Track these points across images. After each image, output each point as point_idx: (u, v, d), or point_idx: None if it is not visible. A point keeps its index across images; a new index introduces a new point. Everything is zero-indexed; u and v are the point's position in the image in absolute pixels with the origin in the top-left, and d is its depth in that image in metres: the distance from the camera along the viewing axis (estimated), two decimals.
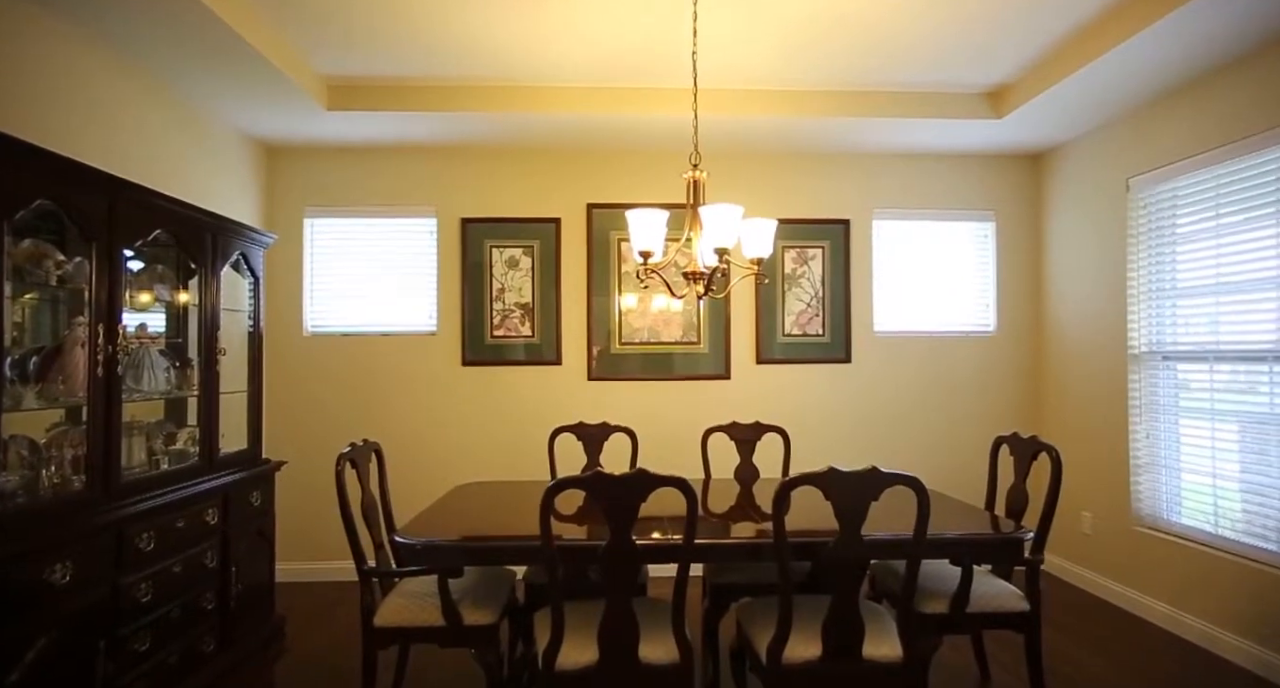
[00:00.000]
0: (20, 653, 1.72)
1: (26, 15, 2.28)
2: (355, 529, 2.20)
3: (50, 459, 2.11)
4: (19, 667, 1.71)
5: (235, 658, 2.75)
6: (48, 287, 2.14)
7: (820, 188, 4.14)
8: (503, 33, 2.82)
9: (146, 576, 2.22)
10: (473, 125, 3.60)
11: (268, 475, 3.05)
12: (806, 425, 4.05)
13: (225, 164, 3.55)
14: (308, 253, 4.01)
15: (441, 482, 3.87)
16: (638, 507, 1.68)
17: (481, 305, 4.02)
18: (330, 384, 3.96)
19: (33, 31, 2.32)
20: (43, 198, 1.89)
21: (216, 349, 2.78)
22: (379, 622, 2.15)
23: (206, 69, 2.87)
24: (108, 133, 2.68)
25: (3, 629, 1.68)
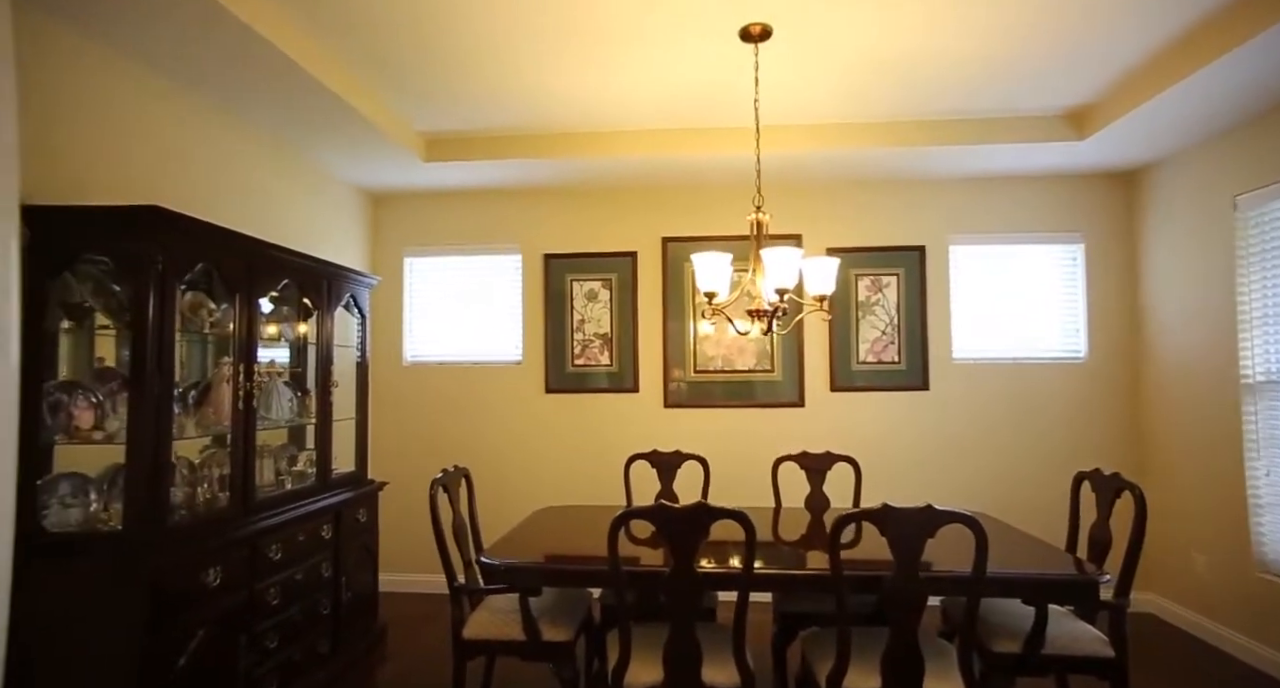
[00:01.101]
0: (186, 642, 2.06)
1: (190, 107, 2.73)
2: (447, 549, 2.44)
3: (203, 478, 2.48)
4: (185, 653, 2.04)
5: (345, 660, 3.06)
6: (202, 332, 2.53)
7: (892, 215, 4.14)
8: (578, 85, 3.06)
9: (275, 582, 2.55)
10: (553, 169, 3.87)
11: (372, 495, 3.38)
12: (882, 454, 4.02)
13: (339, 213, 3.99)
14: (407, 290, 4.40)
15: (525, 503, 4.11)
16: (698, 536, 1.81)
17: (563, 336, 4.27)
18: (426, 410, 4.31)
19: (193, 120, 2.77)
20: (203, 261, 2.26)
21: (331, 381, 3.14)
22: (467, 634, 2.37)
23: (324, 135, 3.28)
24: (245, 196, 3.12)
25: (173, 622, 2.02)
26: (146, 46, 2.39)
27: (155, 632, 1.98)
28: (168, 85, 2.66)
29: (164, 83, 2.64)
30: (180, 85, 2.71)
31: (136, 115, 2.51)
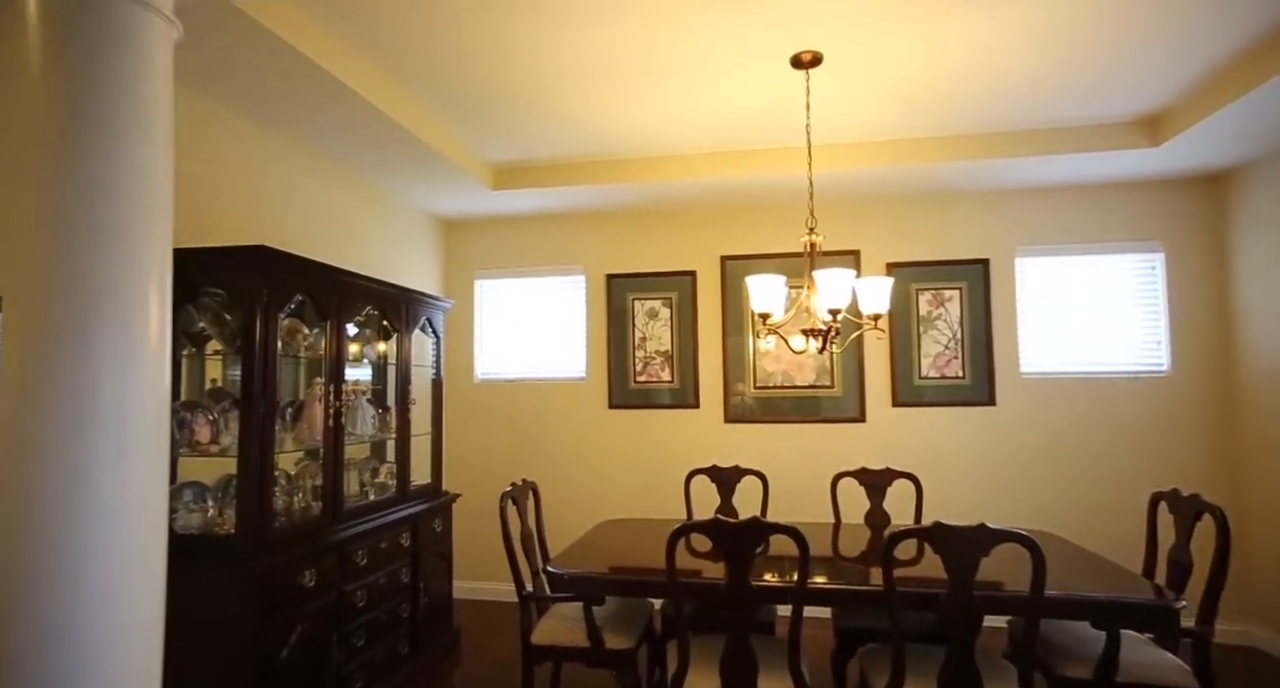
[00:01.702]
0: (287, 636, 2.28)
1: (288, 153, 3.04)
2: (516, 558, 2.58)
3: (298, 489, 2.72)
4: (287, 647, 2.26)
5: (423, 661, 3.25)
6: (297, 354, 2.79)
7: (954, 228, 4.09)
8: (637, 114, 3.21)
9: (361, 585, 2.76)
10: (614, 193, 4.03)
11: (446, 506, 3.59)
12: (946, 470, 3.95)
13: (414, 239, 4.27)
14: (477, 310, 4.64)
15: (588, 516, 4.25)
16: (753, 551, 1.88)
17: (625, 353, 4.40)
18: (495, 426, 4.52)
19: (290, 165, 3.07)
20: (300, 291, 2.52)
21: (409, 399, 3.37)
22: (535, 640, 2.50)
23: (402, 169, 3.55)
24: (334, 229, 3.41)
25: (275, 618, 2.25)
26: (239, 97, 2.68)
27: (263, 626, 2.20)
28: (268, 133, 2.97)
29: (265, 132, 2.95)
30: (279, 134, 3.02)
31: (247, 163, 2.82)
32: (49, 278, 1.05)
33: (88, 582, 1.04)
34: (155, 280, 1.17)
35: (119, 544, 1.07)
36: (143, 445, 1.12)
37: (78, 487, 1.05)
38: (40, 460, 1.03)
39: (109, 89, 1.11)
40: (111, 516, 1.07)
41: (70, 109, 1.08)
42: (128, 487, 1.09)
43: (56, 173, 1.07)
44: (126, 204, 1.12)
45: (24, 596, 1.01)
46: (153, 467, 1.15)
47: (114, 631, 1.06)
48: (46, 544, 1.03)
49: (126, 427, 1.10)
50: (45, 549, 1.02)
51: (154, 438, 1.15)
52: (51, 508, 1.03)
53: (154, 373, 1.16)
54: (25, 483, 1.03)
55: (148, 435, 1.13)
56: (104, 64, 1.11)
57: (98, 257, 1.08)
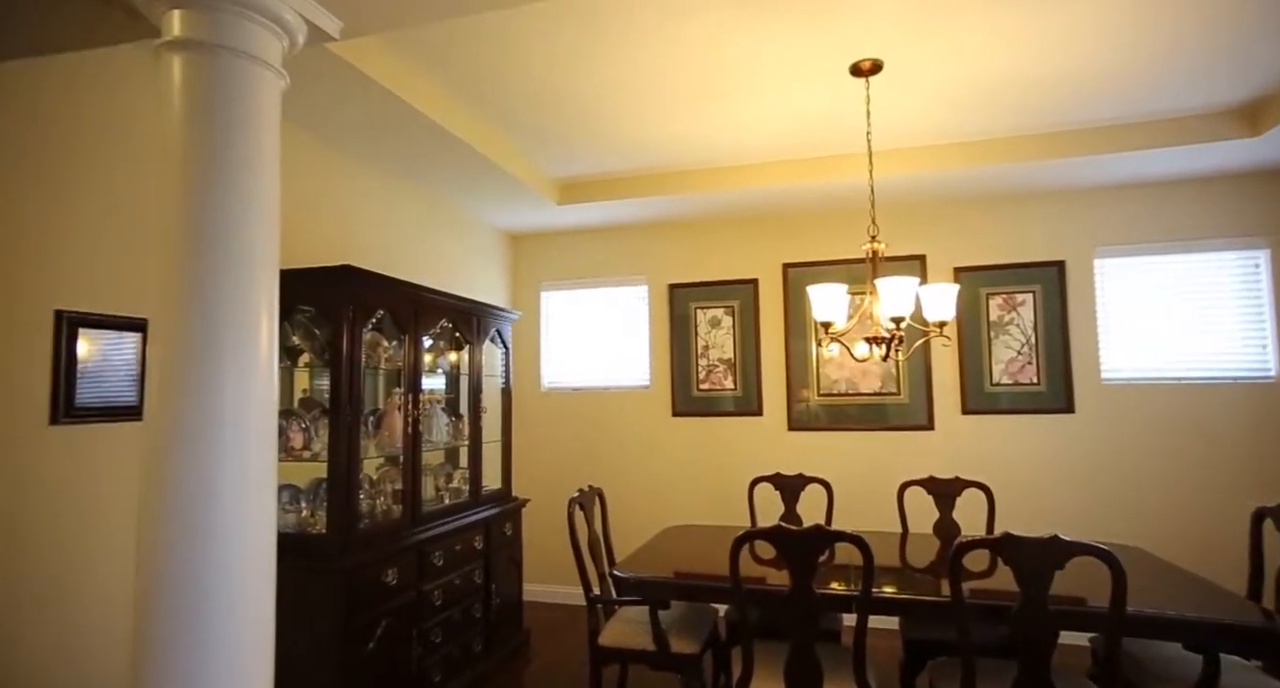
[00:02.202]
0: (373, 630, 2.44)
1: (371, 178, 3.25)
2: (583, 562, 2.67)
3: (380, 492, 2.90)
4: (373, 640, 2.42)
5: (496, 659, 3.38)
6: (378, 366, 2.97)
7: (1026, 230, 3.95)
8: (699, 127, 3.27)
9: (438, 585, 2.91)
10: (676, 204, 4.09)
11: (516, 511, 3.72)
12: (1020, 480, 3.81)
13: (483, 254, 4.46)
14: (543, 321, 4.79)
15: (652, 521, 4.31)
16: (816, 558, 1.89)
17: (688, 361, 4.45)
18: (562, 433, 4.65)
19: (372, 188, 3.28)
20: (382, 307, 2.69)
21: (480, 407, 3.52)
22: (602, 641, 2.58)
23: (472, 187, 3.72)
24: (410, 246, 3.61)
25: (362, 613, 2.41)
26: (326, 128, 2.89)
27: (350, 620, 2.36)
28: (352, 161, 3.19)
29: (350, 160, 3.17)
30: (362, 161, 3.24)
31: (334, 188, 3.04)
32: (184, 302, 1.20)
33: (215, 574, 1.17)
34: (266, 301, 1.31)
35: (239, 539, 1.21)
36: (256, 450, 1.25)
37: (205, 486, 1.19)
38: (175, 464, 1.18)
39: (231, 134, 1.26)
40: (232, 511, 1.21)
41: (201, 153, 1.24)
42: (246, 488, 1.23)
43: (189, 210, 1.22)
44: (245, 233, 1.27)
45: (163, 586, 1.15)
46: (265, 469, 1.28)
47: (237, 620, 1.19)
48: (181, 540, 1.17)
49: (243, 433, 1.24)
50: (179, 544, 1.16)
51: (265, 443, 1.29)
52: (185, 505, 1.17)
53: (265, 384, 1.29)
54: (164, 481, 1.17)
55: (260, 441, 1.27)
56: (228, 113, 1.26)
57: (223, 281, 1.22)
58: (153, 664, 1.15)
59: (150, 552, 1.17)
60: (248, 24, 1.31)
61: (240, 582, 1.22)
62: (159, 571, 1.16)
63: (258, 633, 1.24)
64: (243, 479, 1.23)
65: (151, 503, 1.18)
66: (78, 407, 1.94)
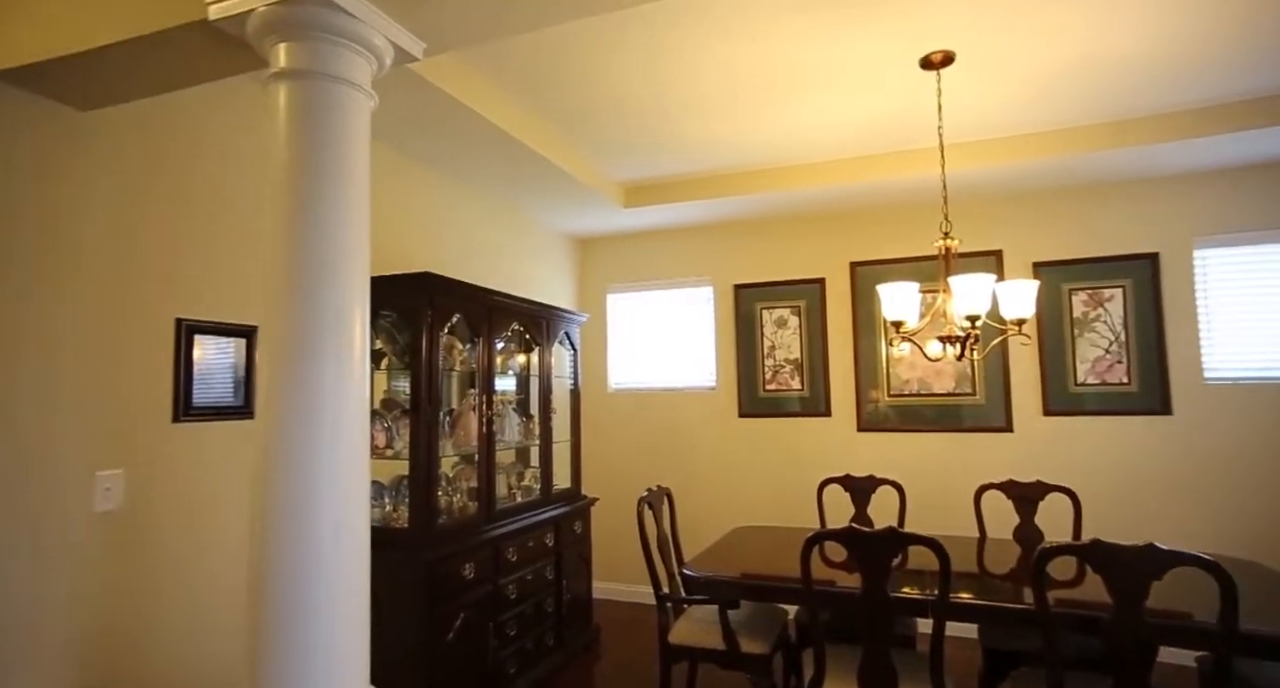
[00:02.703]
0: (452, 621, 2.56)
1: (446, 187, 3.40)
2: (653, 561, 2.71)
3: (456, 490, 3.02)
4: (452, 630, 2.53)
5: (566, 655, 3.46)
6: (454, 368, 3.10)
7: (1112, 222, 3.75)
8: (765, 127, 3.26)
9: (512, 580, 3.01)
10: (742, 204, 4.09)
11: (585, 509, 3.80)
12: (1109, 485, 3.61)
13: (552, 258, 4.57)
14: (610, 323, 4.87)
15: (719, 521, 4.32)
16: (889, 561, 1.87)
17: (755, 362, 4.43)
18: (629, 433, 4.71)
19: (448, 197, 3.43)
20: (458, 312, 2.81)
21: (550, 408, 3.62)
22: (672, 639, 2.61)
23: (542, 194, 3.83)
24: (483, 252, 3.75)
25: (443, 604, 2.52)
26: (405, 140, 3.04)
27: (433, 610, 2.48)
28: (429, 172, 3.34)
29: (426, 172, 3.33)
30: (438, 171, 3.39)
31: (412, 199, 3.20)
32: (288, 309, 1.31)
33: (317, 565, 1.27)
34: (360, 307, 1.41)
35: (338, 531, 1.30)
36: (352, 448, 1.35)
37: (307, 482, 1.29)
38: (281, 461, 1.28)
39: (328, 153, 1.37)
40: (330, 506, 1.31)
41: (302, 171, 1.35)
42: (344, 482, 1.33)
43: (292, 224, 1.33)
44: (341, 245, 1.37)
45: (272, 576, 1.26)
46: (359, 466, 1.38)
47: (337, 608, 1.28)
48: (286, 531, 1.27)
49: (340, 433, 1.34)
50: (285, 536, 1.27)
51: (360, 441, 1.38)
52: (289, 500, 1.28)
53: (359, 386, 1.39)
54: (271, 478, 1.28)
55: (355, 439, 1.36)
56: (325, 134, 1.37)
57: (322, 290, 1.33)
58: (265, 649, 1.25)
59: (260, 544, 1.28)
60: (343, 51, 1.41)
61: (340, 572, 1.31)
62: (268, 562, 1.26)
63: (356, 621, 1.33)
64: (341, 475, 1.32)
65: (260, 498, 1.29)
66: (194, 406, 2.12)
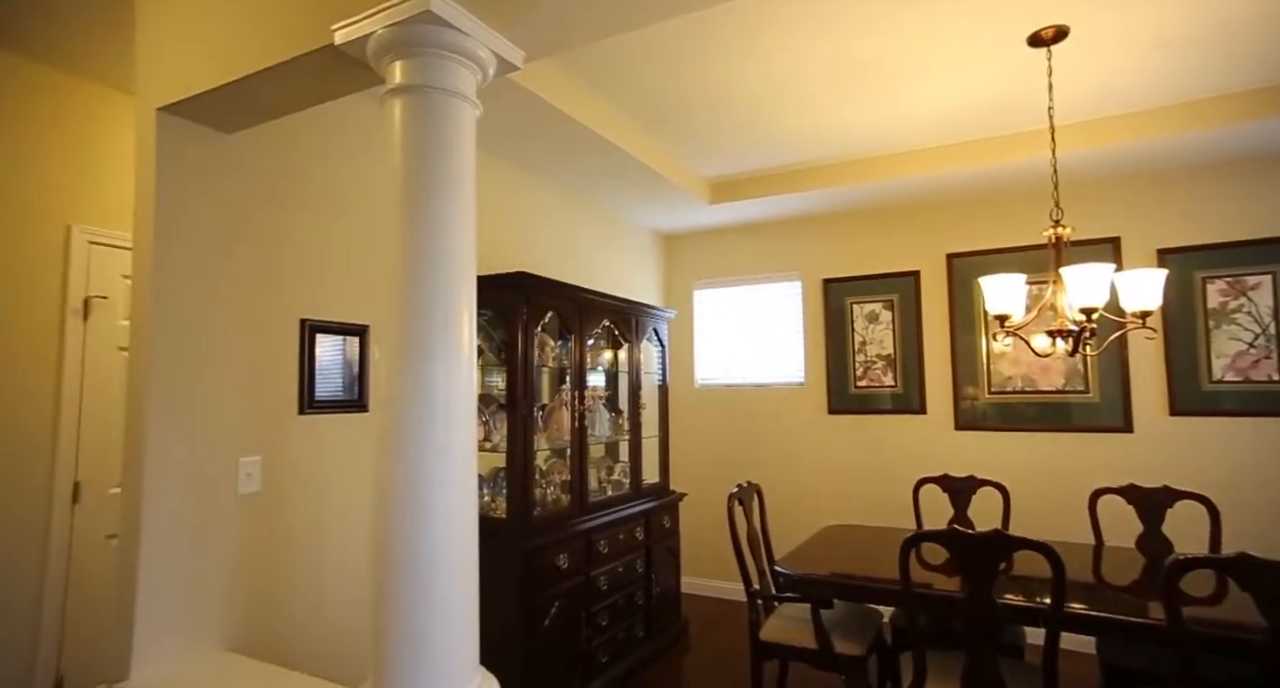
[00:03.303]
0: (547, 609, 2.65)
1: (540, 190, 3.52)
2: (743, 557, 2.70)
3: (549, 483, 3.13)
4: (548, 618, 2.63)
5: (655, 647, 3.51)
6: (547, 365, 3.21)
7: (1253, 202, 3.39)
8: (858, 116, 3.17)
9: (604, 571, 3.08)
10: (832, 196, 3.99)
11: (674, 504, 3.84)
12: (1253, 494, 3.28)
13: (638, 255, 4.63)
14: (696, 319, 4.88)
15: (809, 519, 4.24)
16: (995, 566, 1.79)
17: (845, 358, 4.33)
18: (715, 429, 4.71)
19: (541, 199, 3.55)
20: (551, 310, 2.91)
21: (639, 404, 3.67)
22: (763, 636, 2.60)
23: (629, 192, 3.89)
24: (572, 250, 3.85)
25: (539, 593, 2.63)
26: (500, 144, 3.16)
27: (530, 598, 2.59)
28: (521, 174, 3.46)
29: (519, 173, 3.45)
30: (529, 172, 3.51)
31: (506, 200, 3.33)
32: (402, 310, 1.40)
33: (432, 552, 1.37)
34: (467, 306, 1.49)
35: (451, 521, 1.39)
36: (461, 440, 1.43)
37: (422, 476, 1.38)
38: (399, 454, 1.38)
39: (438, 160, 1.46)
40: (443, 497, 1.39)
41: (415, 178, 1.44)
42: (455, 475, 1.41)
43: (407, 228, 1.43)
44: (450, 248, 1.46)
45: (392, 562, 1.36)
46: (469, 460, 1.46)
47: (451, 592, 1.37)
48: (404, 522, 1.37)
49: (452, 426, 1.42)
50: (404, 526, 1.37)
51: (469, 436, 1.47)
52: (406, 489, 1.37)
53: (467, 382, 1.47)
54: (389, 472, 1.39)
55: (464, 432, 1.45)
56: (436, 143, 1.46)
57: (434, 290, 1.42)
58: (388, 630, 1.36)
59: (382, 534, 1.38)
60: (452, 65, 1.49)
61: (453, 559, 1.40)
62: (389, 550, 1.37)
63: (467, 605, 1.42)
64: (453, 469, 1.41)
65: (381, 491, 1.39)
66: (316, 400, 2.31)
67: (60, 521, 2.54)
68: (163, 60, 1.86)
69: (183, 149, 1.90)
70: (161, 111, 1.85)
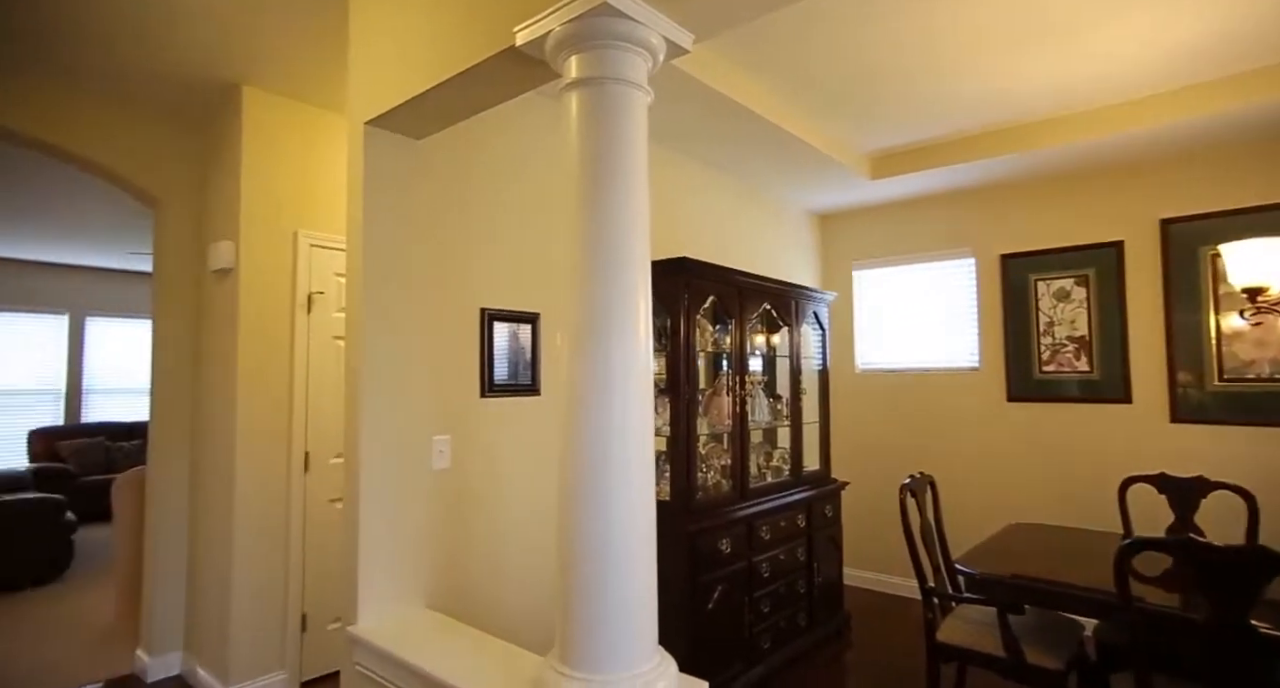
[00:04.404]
0: (711, 593, 2.68)
1: (696, 173, 3.51)
2: (917, 551, 2.54)
3: (709, 467, 3.13)
4: (711, 601, 2.66)
5: (816, 638, 3.43)
6: (706, 350, 3.21)
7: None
8: (1039, 74, 2.82)
9: (766, 558, 3.05)
10: (1008, 164, 3.60)
11: (835, 492, 3.70)
12: None
13: (793, 237, 4.48)
14: (856, 301, 4.64)
15: (984, 515, 3.91)
16: (1250, 587, 1.53)
17: (1027, 340, 3.91)
18: (877, 416, 4.47)
19: (699, 183, 3.54)
20: (712, 295, 2.90)
21: (800, 389, 3.57)
22: (941, 638, 2.43)
23: (785, 172, 3.76)
24: (728, 235, 3.80)
25: (703, 576, 2.65)
26: (661, 131, 3.17)
27: (695, 579, 2.62)
28: (678, 158, 3.46)
29: (676, 157, 3.45)
30: (686, 156, 3.50)
31: (666, 186, 3.35)
32: (579, 297, 1.45)
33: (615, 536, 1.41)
34: (642, 292, 1.51)
35: (631, 506, 1.43)
36: (637, 425, 1.46)
37: (602, 461, 1.43)
38: (580, 437, 1.44)
39: (614, 149, 1.48)
40: (622, 482, 1.43)
41: (592, 168, 1.48)
42: (633, 460, 1.45)
43: (585, 217, 1.47)
44: (626, 236, 1.48)
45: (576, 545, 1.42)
46: (645, 444, 1.49)
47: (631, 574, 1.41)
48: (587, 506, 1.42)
49: (629, 412, 1.45)
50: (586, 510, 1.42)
51: (645, 420, 1.49)
52: (587, 478, 1.43)
53: (643, 368, 1.49)
54: (571, 458, 1.45)
55: (640, 417, 1.47)
56: (611, 132, 1.49)
57: (610, 277, 1.45)
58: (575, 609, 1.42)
59: (566, 518, 1.45)
60: (626, 54, 1.51)
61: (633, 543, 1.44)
62: (574, 533, 1.43)
63: (646, 587, 1.45)
64: (631, 453, 1.44)
65: (564, 477, 1.46)
66: (495, 384, 2.47)
67: (296, 485, 2.96)
68: (369, 80, 2.06)
69: (384, 157, 2.09)
70: (368, 125, 2.05)
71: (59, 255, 6.63)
